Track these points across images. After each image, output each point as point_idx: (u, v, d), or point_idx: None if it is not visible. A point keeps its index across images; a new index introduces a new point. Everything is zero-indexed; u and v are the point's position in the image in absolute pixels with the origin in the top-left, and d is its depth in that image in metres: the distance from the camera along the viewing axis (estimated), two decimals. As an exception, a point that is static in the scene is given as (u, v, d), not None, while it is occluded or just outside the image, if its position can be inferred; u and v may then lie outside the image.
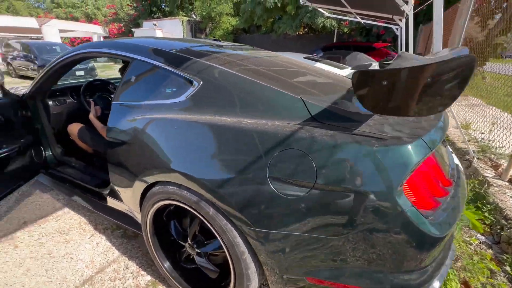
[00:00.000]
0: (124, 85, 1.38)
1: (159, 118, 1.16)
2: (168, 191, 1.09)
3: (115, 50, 1.45)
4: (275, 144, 0.88)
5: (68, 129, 2.02)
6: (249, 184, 0.89)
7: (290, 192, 0.85)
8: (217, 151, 0.97)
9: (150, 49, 1.36)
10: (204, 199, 0.99)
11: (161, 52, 1.33)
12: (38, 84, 1.86)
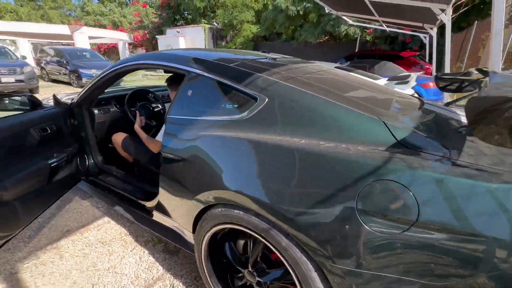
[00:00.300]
0: (180, 99, 1.35)
1: (222, 136, 1.11)
2: (232, 215, 1.03)
3: (172, 63, 1.43)
4: (364, 173, 0.80)
5: (112, 138, 2.03)
6: (333, 216, 0.81)
7: (383, 228, 0.76)
8: (294, 176, 0.89)
9: (209, 63, 1.33)
10: (277, 228, 0.92)
11: (221, 67, 1.29)
12: (87, 93, 1.89)
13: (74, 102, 1.95)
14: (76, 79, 9.22)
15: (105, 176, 2.07)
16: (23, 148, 1.43)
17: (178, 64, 1.39)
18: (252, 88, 1.15)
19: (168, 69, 1.46)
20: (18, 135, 1.39)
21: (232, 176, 1.03)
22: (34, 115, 1.58)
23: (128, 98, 2.13)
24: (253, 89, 1.14)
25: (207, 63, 1.33)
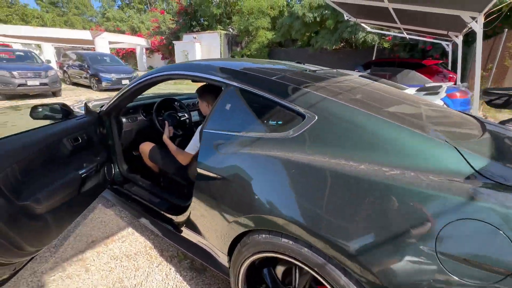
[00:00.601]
0: (217, 112, 1.28)
1: (267, 156, 1.03)
2: (279, 244, 0.95)
3: (208, 74, 1.37)
4: (446, 209, 0.70)
5: (140, 148, 2.00)
6: (406, 257, 0.71)
7: (471, 277, 0.65)
8: (359, 207, 0.80)
9: (250, 76, 1.26)
10: (334, 263, 0.83)
11: (263, 80, 1.22)
12: (117, 101, 1.87)
13: (103, 110, 1.94)
14: (96, 83, 9.46)
15: (130, 186, 2.03)
16: (55, 158, 1.41)
17: (216, 76, 1.34)
18: (299, 104, 1.07)
19: (204, 80, 1.41)
20: (52, 146, 1.37)
21: (280, 201, 0.95)
22: (67, 125, 1.56)
23: (156, 108, 2.10)
24: (300, 106, 1.06)
25: (248, 76, 1.27)
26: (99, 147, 1.84)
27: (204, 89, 1.68)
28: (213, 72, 1.36)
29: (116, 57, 11.56)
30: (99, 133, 1.85)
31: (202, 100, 1.69)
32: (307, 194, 0.90)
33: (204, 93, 1.68)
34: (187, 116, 2.36)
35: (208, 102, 1.67)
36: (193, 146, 1.63)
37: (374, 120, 0.95)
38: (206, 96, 1.66)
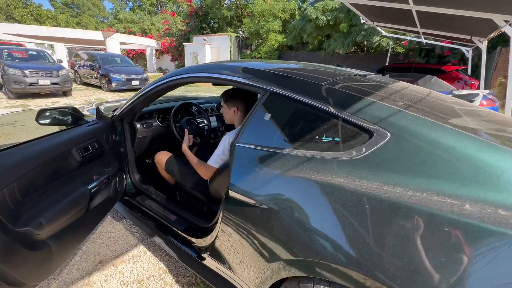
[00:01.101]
0: (253, 123, 1.08)
1: (329, 183, 0.81)
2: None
3: (241, 77, 1.17)
4: None
5: (155, 158, 1.81)
6: None
7: None
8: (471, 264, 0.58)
9: (295, 81, 1.05)
10: None
11: (313, 86, 1.01)
12: (131, 105, 1.68)
13: (116, 114, 1.76)
14: (107, 83, 9.42)
15: (143, 198, 1.84)
16: (62, 172, 1.22)
17: (252, 80, 1.13)
18: (365, 118, 0.85)
19: (236, 84, 1.21)
20: (59, 158, 1.18)
21: (350, 245, 0.73)
22: (77, 133, 1.37)
23: (174, 113, 1.91)
24: (365, 119, 0.85)
25: (293, 81, 1.06)
26: (111, 156, 1.65)
27: (232, 93, 1.48)
28: (248, 75, 1.16)
29: (126, 58, 11.55)
30: (112, 140, 1.66)
31: (229, 106, 1.49)
32: (390, 240, 0.68)
33: (231, 97, 1.48)
34: (206, 123, 2.16)
35: (236, 108, 1.47)
36: (217, 159, 1.43)
37: (471, 142, 0.73)
38: (234, 102, 1.47)
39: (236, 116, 1.49)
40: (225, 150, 1.43)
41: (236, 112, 1.49)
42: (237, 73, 1.20)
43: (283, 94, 1.03)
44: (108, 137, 1.62)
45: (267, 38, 15.46)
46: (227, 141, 1.42)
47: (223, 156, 1.43)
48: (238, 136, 1.10)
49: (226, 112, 1.51)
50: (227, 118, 1.54)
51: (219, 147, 1.44)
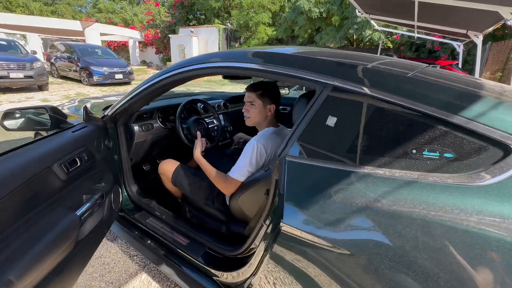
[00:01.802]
0: (310, 130, 0.80)
1: (454, 224, 0.55)
2: None
3: (285, 68, 0.88)
4: None
5: (160, 168, 1.49)
6: None
7: None
8: None
9: (373, 73, 0.78)
10: None
11: (401, 81, 0.74)
12: (127, 104, 1.35)
13: (108, 114, 1.42)
14: (87, 77, 8.76)
15: (144, 216, 1.52)
16: (41, 197, 0.89)
17: (298, 71, 0.85)
18: (493, 126, 0.59)
19: (277, 78, 0.91)
20: (35, 180, 0.85)
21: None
22: (60, 141, 1.03)
23: (180, 112, 1.58)
24: (495, 128, 0.59)
25: (370, 73, 0.78)
26: (104, 168, 1.32)
27: (272, 87, 1.20)
28: (295, 65, 0.87)
29: (108, 50, 10.83)
30: (104, 147, 1.33)
31: (265, 103, 1.21)
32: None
33: (271, 92, 1.20)
34: (216, 123, 1.85)
35: (273, 106, 1.20)
36: (243, 170, 1.15)
37: None
38: (273, 98, 1.19)
39: (269, 116, 1.21)
40: (253, 160, 1.14)
41: (272, 111, 1.21)
42: (282, 62, 0.91)
43: (357, 91, 0.75)
44: (100, 144, 1.28)
45: (257, 31, 15.04)
46: (257, 149, 1.14)
47: (250, 168, 1.15)
48: (288, 147, 0.82)
49: (256, 111, 1.22)
50: (254, 119, 1.25)
51: (245, 155, 1.15)
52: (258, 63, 0.94)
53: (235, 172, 1.16)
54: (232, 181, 1.16)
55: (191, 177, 1.39)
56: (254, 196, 1.16)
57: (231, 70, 1.00)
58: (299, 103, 1.05)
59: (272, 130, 1.25)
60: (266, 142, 1.18)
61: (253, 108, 1.23)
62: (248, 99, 1.23)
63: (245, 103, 1.26)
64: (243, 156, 1.16)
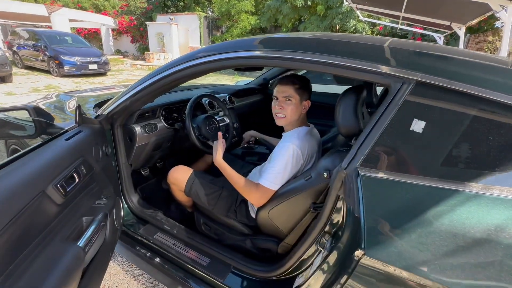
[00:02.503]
0: (388, 135, 0.64)
1: None
2: None
3: (348, 60, 0.71)
4: None
5: (170, 177, 1.28)
6: None
7: None
8: None
9: (450, 61, 0.64)
10: None
11: (496, 73, 0.60)
12: (130, 100, 1.12)
13: (104, 114, 1.18)
14: (57, 67, 8.01)
15: (150, 231, 1.32)
16: (33, 233, 0.67)
17: (374, 65, 0.68)
18: None
19: (341, 72, 0.74)
20: (26, 212, 0.62)
21: None
22: (51, 155, 0.79)
23: (190, 109, 1.36)
24: None
25: (461, 66, 0.64)
26: (103, 180, 1.09)
27: (303, 80, 1.04)
28: (368, 56, 0.71)
29: (80, 38, 9.98)
30: (103, 155, 1.10)
31: (302, 98, 1.05)
32: None
33: (303, 86, 1.04)
34: (227, 121, 1.64)
35: (305, 102, 1.04)
36: (277, 177, 0.99)
37: None
38: (305, 92, 1.04)
39: (303, 114, 1.06)
40: (288, 166, 0.98)
41: (307, 108, 1.05)
42: (346, 52, 0.74)
43: (453, 88, 0.60)
44: (99, 152, 1.05)
45: (239, 19, 14.58)
46: (293, 153, 0.97)
47: (285, 175, 0.99)
48: (358, 157, 0.66)
49: (293, 108, 1.05)
50: (291, 118, 1.08)
51: (279, 160, 0.98)
52: (313, 52, 0.76)
53: (268, 180, 0.99)
54: (265, 190, 1.00)
55: (209, 186, 1.20)
56: (291, 208, 1.00)
57: (274, 61, 0.82)
58: (346, 100, 0.89)
59: (306, 130, 1.09)
60: (303, 145, 1.02)
61: (289, 105, 1.05)
62: (283, 93, 1.05)
63: (277, 99, 1.09)
64: (277, 161, 0.99)
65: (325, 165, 0.90)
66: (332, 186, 0.73)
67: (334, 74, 0.79)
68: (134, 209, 1.39)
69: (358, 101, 0.90)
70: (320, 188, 0.92)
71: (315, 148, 1.10)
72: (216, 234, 1.27)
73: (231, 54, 0.88)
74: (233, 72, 10.97)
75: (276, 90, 1.10)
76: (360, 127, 0.90)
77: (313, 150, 1.08)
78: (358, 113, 0.90)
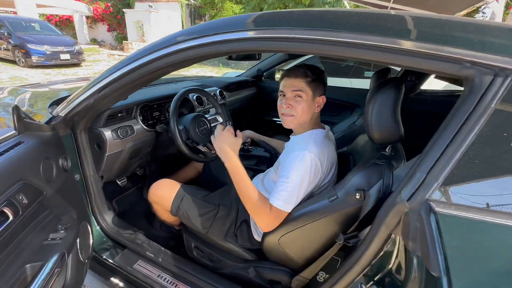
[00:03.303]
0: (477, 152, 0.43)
1: None
2: None
3: (419, 44, 0.49)
4: None
5: (151, 194, 1.03)
6: None
7: None
8: None
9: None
10: None
11: None
12: (93, 98, 0.85)
13: (60, 116, 0.90)
14: (24, 57, 7.28)
15: (128, 259, 1.07)
16: None
17: (457, 49, 0.47)
18: None
19: (409, 63, 0.52)
20: None
21: None
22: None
23: (175, 108, 1.09)
24: None
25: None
26: (61, 204, 0.82)
27: (316, 72, 0.82)
28: (445, 39, 0.49)
29: (49, 25, 9.19)
30: (59, 170, 0.82)
31: (314, 93, 0.84)
32: None
33: (317, 78, 0.83)
34: (220, 120, 1.39)
35: (319, 98, 0.83)
36: (291, 196, 0.78)
37: None
38: (320, 86, 0.84)
39: (316, 114, 0.85)
40: (305, 182, 0.77)
41: (321, 106, 0.84)
42: (422, 35, 0.51)
43: None
44: (51, 168, 0.78)
45: (223, 8, 14.03)
46: (311, 166, 0.76)
47: (301, 193, 0.78)
48: (428, 181, 0.45)
49: (305, 106, 0.84)
50: (302, 118, 0.87)
51: (290, 172, 0.77)
52: (346, 31, 0.54)
53: (281, 200, 0.77)
54: (278, 213, 0.78)
55: (202, 205, 0.96)
56: (309, 236, 0.80)
57: (303, 45, 0.58)
58: (383, 97, 0.68)
59: (323, 134, 0.87)
60: (322, 153, 0.81)
61: (300, 102, 0.83)
62: (291, 88, 0.83)
63: (284, 96, 0.86)
64: (291, 174, 0.77)
65: (357, 182, 0.70)
66: (383, 221, 0.52)
67: (381, 64, 0.57)
68: (108, 231, 1.13)
69: (399, 98, 0.69)
70: (349, 212, 0.71)
71: (334, 156, 0.89)
72: (211, 260, 1.04)
73: (222, 37, 0.64)
74: (217, 63, 10.56)
75: (283, 85, 0.87)
76: (400, 132, 0.70)
77: (333, 159, 0.88)
78: (398, 114, 0.70)
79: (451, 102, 0.49)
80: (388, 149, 0.75)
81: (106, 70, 0.83)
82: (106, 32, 16.41)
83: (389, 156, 0.72)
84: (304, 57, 2.25)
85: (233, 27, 0.65)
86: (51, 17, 17.77)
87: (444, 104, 1.50)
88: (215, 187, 1.11)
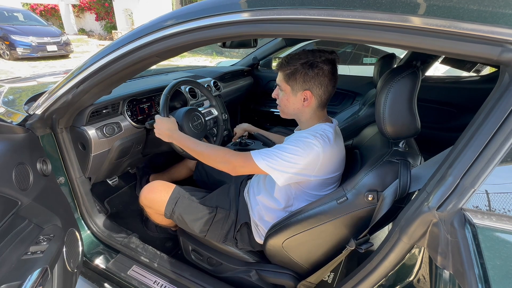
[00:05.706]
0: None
1: None
2: None
3: (449, 21, 0.41)
4: None
5: (142, 198, 0.95)
6: None
7: None
8: None
9: None
10: None
11: None
12: (71, 94, 0.76)
13: (36, 114, 0.81)
14: (8, 49, 6.99)
15: (122, 264, 1.01)
16: None
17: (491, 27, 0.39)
18: None
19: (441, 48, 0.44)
20: None
21: None
22: None
23: (166, 100, 1.00)
24: None
25: None
26: (41, 212, 0.75)
27: (302, 63, 0.74)
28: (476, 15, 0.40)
29: (33, 15, 8.77)
30: (37, 176, 0.74)
31: (288, 86, 0.77)
32: None
33: (296, 72, 0.76)
34: (215, 113, 1.30)
35: (310, 94, 0.76)
36: (276, 162, 0.74)
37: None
38: (298, 81, 0.76)
39: (309, 108, 0.77)
40: (300, 161, 0.73)
41: (310, 100, 0.75)
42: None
43: None
44: (27, 175, 0.69)
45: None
46: (318, 156, 0.70)
47: (290, 168, 0.72)
48: (460, 187, 0.38)
49: (282, 99, 0.79)
50: (286, 110, 0.81)
51: (290, 145, 0.72)
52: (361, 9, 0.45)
53: (263, 157, 0.73)
54: (250, 161, 0.72)
55: (198, 207, 0.89)
56: (316, 240, 0.73)
57: (294, 27, 0.50)
58: (398, 88, 0.61)
59: (332, 129, 0.79)
60: (332, 152, 0.74)
61: (282, 96, 0.79)
62: (277, 79, 0.77)
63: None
64: (290, 148, 0.71)
65: (369, 182, 0.63)
66: (405, 230, 0.46)
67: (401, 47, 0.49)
68: (99, 235, 1.06)
69: (416, 87, 0.62)
70: (360, 215, 0.65)
71: (343, 152, 0.82)
72: (210, 263, 0.98)
73: (214, 19, 0.55)
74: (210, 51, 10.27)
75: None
76: (417, 126, 0.63)
77: (342, 155, 0.81)
78: (414, 106, 0.63)
79: (459, 89, 0.42)
80: (402, 144, 0.68)
81: (84, 62, 0.74)
82: (94, 22, 15.84)
83: (404, 152, 0.65)
84: (302, 43, 2.15)
85: (226, 7, 0.56)
86: (35, 6, 17.07)
87: (453, 91, 1.42)
88: (210, 186, 1.05)
